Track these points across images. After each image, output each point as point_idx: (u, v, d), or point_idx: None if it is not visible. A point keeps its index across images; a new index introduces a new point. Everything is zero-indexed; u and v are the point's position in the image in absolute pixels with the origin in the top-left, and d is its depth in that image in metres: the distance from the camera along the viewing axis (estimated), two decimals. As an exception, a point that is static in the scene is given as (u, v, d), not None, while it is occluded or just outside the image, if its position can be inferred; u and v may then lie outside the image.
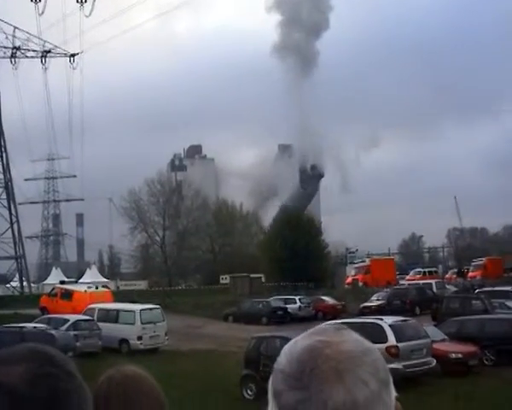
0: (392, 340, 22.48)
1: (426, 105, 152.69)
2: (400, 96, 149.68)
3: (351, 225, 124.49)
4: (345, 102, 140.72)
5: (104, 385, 2.21)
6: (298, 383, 1.17)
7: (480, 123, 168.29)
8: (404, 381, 18.74)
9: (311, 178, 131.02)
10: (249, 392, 22.34)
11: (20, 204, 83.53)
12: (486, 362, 25.66)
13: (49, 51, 79.29)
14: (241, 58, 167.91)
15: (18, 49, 77.83)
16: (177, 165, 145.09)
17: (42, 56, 79.36)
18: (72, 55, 79.28)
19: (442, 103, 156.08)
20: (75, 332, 32.27)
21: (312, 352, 1.19)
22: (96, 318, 35.53)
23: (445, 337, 26.16)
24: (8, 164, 78.54)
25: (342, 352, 1.19)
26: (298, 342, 1.23)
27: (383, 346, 20.60)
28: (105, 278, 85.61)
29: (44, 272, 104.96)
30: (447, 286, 57.33)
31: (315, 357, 1.18)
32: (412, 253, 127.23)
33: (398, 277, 75.83)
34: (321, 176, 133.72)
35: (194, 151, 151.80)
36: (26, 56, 79.21)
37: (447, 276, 78.72)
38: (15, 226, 77.75)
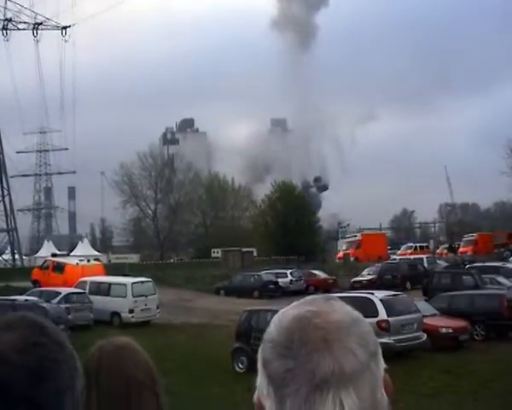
0: (382, 314, 22.57)
1: (420, 80, 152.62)
2: (395, 71, 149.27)
3: (342, 200, 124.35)
4: (342, 76, 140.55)
5: (95, 356, 2.22)
6: (286, 351, 1.17)
7: (473, 99, 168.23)
8: (394, 355, 18.88)
9: (313, 190, 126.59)
10: (240, 365, 22.47)
11: (11, 177, 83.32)
12: (476, 337, 25.84)
13: (41, 23, 78.69)
14: (236, 32, 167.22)
15: (9, 20, 77.17)
16: (169, 138, 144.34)
17: (34, 29, 78.80)
18: (64, 28, 78.69)
19: (435, 79, 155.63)
20: (67, 305, 32.26)
21: (301, 321, 1.19)
22: (87, 291, 35.49)
23: (436, 312, 26.28)
24: (-1, 136, 78.19)
25: (331, 322, 1.19)
26: (287, 312, 1.23)
27: (374, 320, 20.71)
28: (97, 251, 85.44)
29: (36, 244, 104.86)
30: (438, 261, 57.33)
31: (304, 326, 1.18)
32: (404, 228, 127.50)
33: (389, 252, 76.10)
34: (325, 188, 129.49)
35: (187, 125, 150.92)
36: (18, 28, 78.66)
37: (438, 251, 78.80)
38: (7, 199, 77.49)
